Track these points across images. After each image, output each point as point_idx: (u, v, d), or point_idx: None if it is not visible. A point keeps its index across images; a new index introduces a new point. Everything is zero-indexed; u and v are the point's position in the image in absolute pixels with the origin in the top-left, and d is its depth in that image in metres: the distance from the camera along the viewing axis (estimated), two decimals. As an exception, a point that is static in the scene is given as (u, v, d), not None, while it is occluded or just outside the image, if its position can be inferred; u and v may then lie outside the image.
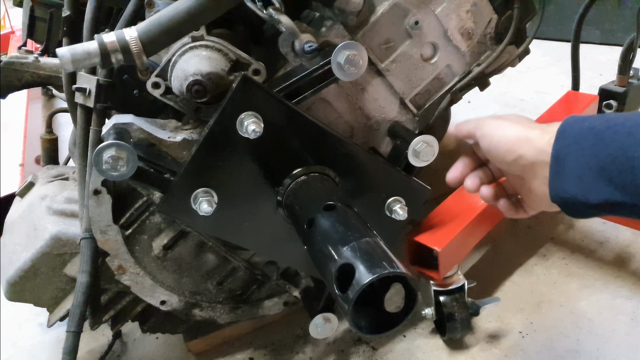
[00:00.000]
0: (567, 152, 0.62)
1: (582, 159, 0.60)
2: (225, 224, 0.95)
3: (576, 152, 0.61)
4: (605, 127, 0.59)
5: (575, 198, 0.61)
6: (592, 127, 0.60)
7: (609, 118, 0.61)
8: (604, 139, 0.58)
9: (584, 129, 0.61)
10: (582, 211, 0.63)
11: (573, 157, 0.61)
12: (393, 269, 0.67)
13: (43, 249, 1.04)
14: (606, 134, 0.58)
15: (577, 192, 0.61)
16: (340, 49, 0.87)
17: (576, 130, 0.62)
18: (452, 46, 1.08)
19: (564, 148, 0.62)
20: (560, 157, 0.63)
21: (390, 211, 1.01)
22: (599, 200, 0.59)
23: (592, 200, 0.60)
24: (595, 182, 0.58)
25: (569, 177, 0.61)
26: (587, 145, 0.59)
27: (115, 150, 0.83)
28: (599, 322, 1.19)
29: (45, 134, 1.44)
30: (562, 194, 0.63)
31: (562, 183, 0.62)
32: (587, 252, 1.41)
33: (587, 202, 0.60)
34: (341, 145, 0.96)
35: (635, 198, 0.56)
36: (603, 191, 0.58)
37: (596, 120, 0.61)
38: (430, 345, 1.21)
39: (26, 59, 1.20)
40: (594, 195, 0.59)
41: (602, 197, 0.59)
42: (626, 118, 0.58)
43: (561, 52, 2.43)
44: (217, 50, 0.90)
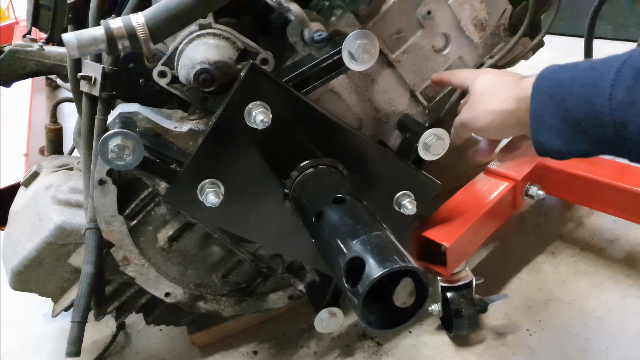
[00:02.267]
0: (543, 108, 0.65)
1: (556, 113, 0.63)
2: (231, 216, 0.94)
3: (550, 106, 0.63)
4: (571, 81, 0.61)
5: (559, 151, 0.65)
6: (561, 81, 0.63)
7: (576, 69, 0.62)
8: (572, 93, 0.60)
9: (555, 83, 0.64)
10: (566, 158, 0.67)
11: (548, 111, 0.64)
12: (405, 263, 0.65)
13: (48, 239, 1.03)
14: (574, 88, 0.60)
15: (559, 146, 0.65)
16: (351, 37, 0.85)
17: (549, 85, 0.65)
18: (465, 37, 1.06)
19: (539, 104, 0.65)
20: (537, 113, 0.66)
21: (399, 205, 1.00)
22: (577, 151, 0.64)
23: (571, 151, 0.65)
24: (572, 136, 0.62)
25: (549, 132, 0.65)
26: (559, 100, 0.62)
27: (121, 139, 0.81)
28: (609, 321, 1.18)
29: (50, 124, 1.42)
30: (546, 147, 0.67)
31: (543, 137, 0.66)
32: (597, 250, 1.39)
33: (568, 153, 0.65)
34: (350, 137, 0.95)
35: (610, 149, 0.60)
36: (580, 144, 0.63)
37: (565, 73, 0.63)
38: (436, 341, 1.20)
39: (30, 48, 1.19)
40: (572, 148, 0.64)
41: (579, 149, 0.64)
42: (592, 67, 0.60)
43: (571, 47, 2.40)
44: (225, 39, 0.89)
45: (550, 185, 1.27)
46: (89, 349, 1.27)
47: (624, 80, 0.55)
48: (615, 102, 0.55)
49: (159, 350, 1.27)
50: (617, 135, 0.56)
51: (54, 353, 1.29)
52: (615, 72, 0.56)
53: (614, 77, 0.55)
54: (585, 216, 1.50)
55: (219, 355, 1.24)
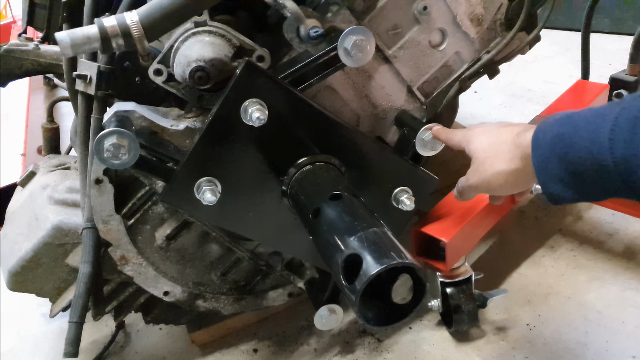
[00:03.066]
0: (546, 161, 0.66)
1: (561, 165, 0.64)
2: (229, 214, 0.94)
3: (553, 158, 0.65)
4: (572, 133, 0.63)
5: (573, 199, 0.66)
6: (561, 134, 0.64)
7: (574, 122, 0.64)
8: (574, 144, 0.62)
9: (554, 136, 0.65)
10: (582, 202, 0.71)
11: (552, 164, 0.65)
12: (401, 260, 0.65)
13: (45, 239, 1.02)
14: (574, 140, 0.62)
15: (570, 196, 0.66)
16: (347, 34, 0.85)
17: (548, 138, 0.66)
18: (461, 32, 1.05)
19: (541, 157, 0.67)
20: (541, 167, 0.67)
21: (397, 201, 1.00)
22: (595, 199, 0.66)
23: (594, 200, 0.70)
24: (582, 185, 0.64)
25: (556, 183, 0.66)
26: (560, 152, 0.64)
27: (116, 138, 0.81)
28: (608, 315, 1.18)
29: (47, 123, 1.42)
30: (558, 198, 0.67)
31: (553, 189, 0.67)
32: (596, 243, 1.38)
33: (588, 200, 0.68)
34: (347, 133, 0.94)
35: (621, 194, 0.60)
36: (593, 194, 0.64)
37: (564, 126, 0.65)
38: (436, 337, 1.20)
39: (26, 47, 1.18)
40: (586, 197, 0.66)
41: (595, 197, 0.65)
42: (587, 121, 0.62)
43: (569, 41, 2.39)
44: (221, 36, 0.88)
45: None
46: (88, 348, 1.27)
47: (620, 133, 0.57)
48: (617, 155, 0.57)
49: (159, 350, 1.27)
50: (627, 186, 0.58)
51: (53, 353, 1.29)
52: (610, 125, 0.58)
53: (610, 130, 0.57)
54: (584, 210, 1.50)
55: (219, 354, 1.24)
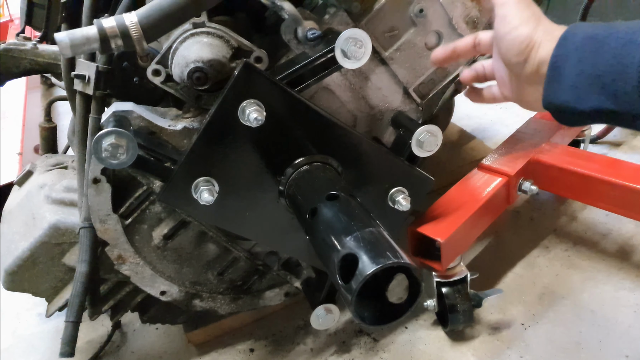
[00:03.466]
0: (566, 60, 0.62)
1: (578, 66, 0.60)
2: (226, 214, 0.94)
3: (574, 59, 0.60)
4: (606, 34, 0.58)
5: (567, 105, 0.62)
6: (594, 35, 0.60)
7: (611, 25, 0.60)
8: (603, 46, 0.58)
9: (586, 37, 0.60)
10: (571, 118, 0.64)
11: (571, 64, 0.61)
12: (397, 259, 0.66)
13: (42, 238, 1.03)
14: (606, 42, 0.58)
15: (569, 99, 0.61)
16: (344, 35, 0.85)
17: (579, 38, 0.61)
18: (457, 35, 1.06)
19: (562, 56, 0.62)
20: (558, 65, 0.62)
21: (393, 202, 1.00)
22: (589, 107, 0.60)
23: (583, 107, 0.60)
24: (588, 90, 0.59)
25: (564, 85, 0.62)
26: (586, 54, 0.59)
27: (114, 138, 0.81)
28: (602, 314, 1.19)
29: (44, 122, 1.42)
30: (554, 100, 0.63)
31: (555, 90, 0.63)
32: (590, 244, 1.40)
33: (577, 109, 0.61)
34: (344, 134, 0.95)
35: (623, 106, 0.56)
36: (594, 99, 0.59)
37: (599, 28, 0.60)
38: (432, 336, 1.20)
39: (24, 46, 1.18)
40: (585, 103, 0.60)
41: (592, 104, 0.59)
42: (628, 26, 0.58)
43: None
44: (219, 37, 0.89)
45: (543, 180, 1.28)
46: (84, 348, 1.27)
47: None
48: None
49: (155, 349, 1.28)
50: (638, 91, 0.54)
51: (49, 353, 1.29)
52: None
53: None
54: (578, 210, 1.52)
55: (216, 354, 1.24)
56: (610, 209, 1.29)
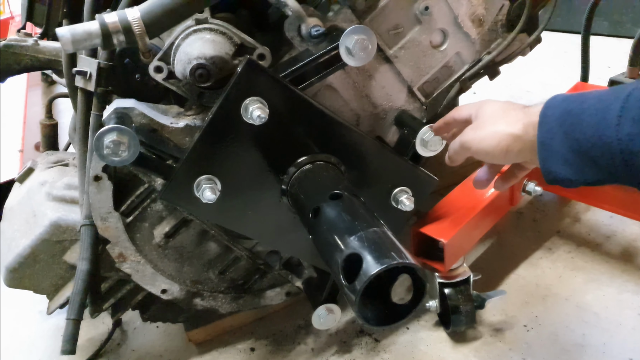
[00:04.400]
0: (551, 136, 0.65)
1: (565, 142, 0.63)
2: (228, 213, 0.94)
3: (559, 135, 0.64)
4: (580, 110, 0.62)
5: (569, 179, 0.65)
6: (570, 111, 0.63)
7: (584, 99, 0.63)
8: (581, 121, 0.61)
9: (563, 112, 0.64)
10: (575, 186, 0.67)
11: (557, 140, 0.64)
12: (402, 260, 0.65)
13: (42, 236, 1.02)
14: (582, 117, 0.61)
15: (569, 175, 0.64)
16: (348, 33, 0.84)
17: (557, 113, 0.65)
18: (462, 33, 1.05)
19: (547, 132, 0.65)
20: (546, 142, 0.65)
21: (397, 201, 1.00)
22: (588, 180, 0.64)
23: (586, 179, 0.64)
24: (582, 165, 0.62)
25: (558, 161, 0.65)
26: (567, 128, 0.63)
27: (116, 135, 0.81)
28: (605, 317, 1.18)
29: (45, 120, 1.41)
30: (555, 176, 0.66)
31: (552, 166, 0.66)
32: (594, 245, 1.39)
33: (581, 181, 0.64)
34: (347, 133, 0.94)
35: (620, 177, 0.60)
36: (592, 173, 0.62)
37: (573, 103, 0.64)
38: (433, 337, 1.20)
39: (25, 42, 1.18)
40: (582, 176, 0.64)
41: (593, 177, 0.63)
42: (599, 99, 0.61)
43: (567, 43, 2.40)
44: (222, 34, 0.88)
45: (547, 181, 1.27)
46: (85, 346, 1.26)
47: (630, 111, 0.56)
48: (622, 133, 0.56)
49: (156, 348, 1.27)
50: (626, 164, 0.57)
51: (50, 351, 1.28)
52: (621, 103, 0.57)
53: (621, 108, 0.57)
54: (582, 212, 1.51)
55: (216, 352, 1.24)
56: (614, 211, 1.28)
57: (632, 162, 0.57)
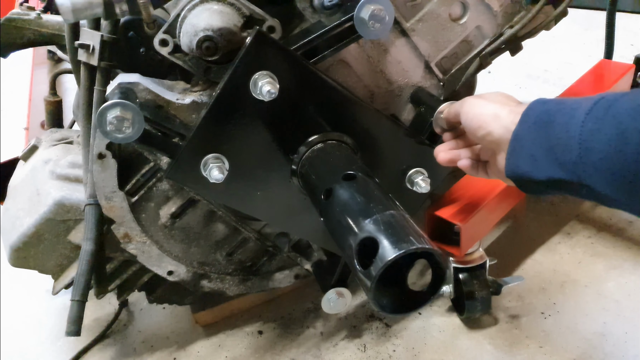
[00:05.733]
0: (526, 133, 0.66)
1: (537, 140, 0.65)
2: (236, 193, 0.90)
3: (533, 133, 0.65)
4: (556, 110, 0.64)
5: (525, 174, 0.66)
6: (548, 110, 0.65)
7: (563, 101, 0.65)
8: (554, 120, 0.63)
9: (542, 111, 0.66)
10: (531, 187, 0.68)
11: (530, 137, 0.66)
12: (421, 245, 0.61)
13: (46, 215, 0.99)
14: (556, 117, 0.63)
15: (528, 169, 0.66)
16: (364, 3, 0.80)
17: (537, 113, 0.67)
18: (484, 5, 1.00)
19: (524, 129, 0.67)
20: (519, 137, 0.67)
21: (412, 183, 0.96)
22: (544, 177, 0.64)
23: (539, 177, 0.64)
24: (543, 160, 0.64)
25: (523, 155, 0.66)
26: (540, 126, 0.65)
27: (120, 111, 0.77)
28: (627, 305, 1.14)
29: (49, 96, 1.38)
30: (515, 169, 0.68)
31: (516, 160, 0.67)
32: (615, 230, 1.34)
33: (535, 179, 0.65)
34: (361, 110, 0.90)
35: (571, 175, 0.60)
36: (548, 169, 0.63)
37: (553, 104, 0.66)
38: (446, 323, 1.17)
39: (28, 16, 1.14)
40: (540, 173, 0.64)
41: (546, 174, 0.63)
42: (576, 101, 0.62)
43: (588, 20, 2.31)
44: (230, 5, 0.84)
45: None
46: (91, 326, 1.25)
47: (596, 111, 0.59)
48: (585, 129, 0.59)
49: (162, 329, 1.25)
50: (581, 160, 0.59)
51: (57, 330, 1.27)
52: (592, 104, 0.59)
53: (590, 108, 0.59)
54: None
55: (223, 335, 1.22)
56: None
57: (586, 158, 0.58)
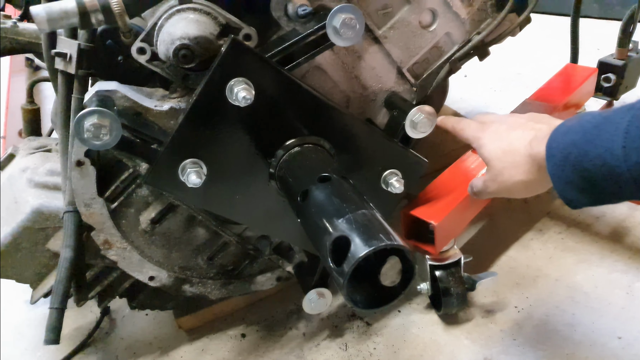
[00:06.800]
0: (561, 169, 0.68)
1: (575, 172, 0.66)
2: (215, 197, 0.92)
3: (567, 166, 0.67)
4: (584, 142, 0.65)
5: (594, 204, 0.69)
6: (574, 142, 0.67)
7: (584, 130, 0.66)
8: (587, 153, 0.64)
9: (568, 145, 0.68)
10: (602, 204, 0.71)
11: (567, 171, 0.67)
12: (390, 242, 0.64)
13: (24, 223, 0.99)
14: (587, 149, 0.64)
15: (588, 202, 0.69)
16: (336, 12, 0.82)
17: (561, 147, 0.69)
18: (452, 13, 1.03)
19: (556, 166, 0.69)
20: (557, 175, 0.69)
21: (387, 184, 0.98)
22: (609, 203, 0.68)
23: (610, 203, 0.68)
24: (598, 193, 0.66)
25: (572, 189, 0.68)
26: (574, 161, 0.66)
27: (97, 118, 0.78)
28: (595, 296, 1.18)
29: (27, 104, 1.37)
30: (577, 204, 0.70)
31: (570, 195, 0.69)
32: (584, 226, 1.39)
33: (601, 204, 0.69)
34: (337, 115, 0.92)
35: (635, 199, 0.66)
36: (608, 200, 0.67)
37: (575, 134, 0.67)
38: (425, 320, 1.19)
39: (4, 25, 1.14)
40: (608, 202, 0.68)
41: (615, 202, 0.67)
42: (598, 129, 0.64)
43: (558, 26, 2.38)
44: (206, 14, 0.85)
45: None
46: (72, 335, 1.25)
47: (633, 142, 0.59)
48: (630, 163, 0.60)
49: (145, 335, 1.26)
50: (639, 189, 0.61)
51: (36, 340, 1.26)
52: (623, 134, 0.60)
53: (623, 140, 0.60)
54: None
55: (207, 339, 1.23)
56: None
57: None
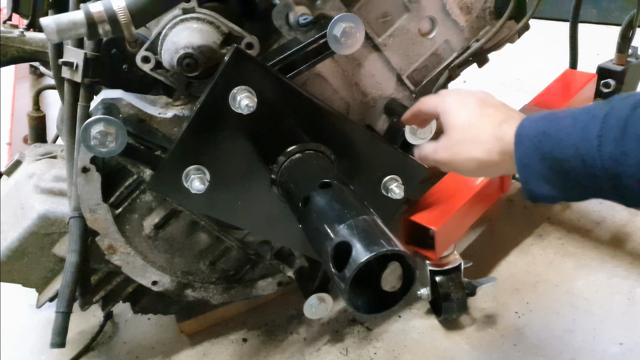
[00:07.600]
0: (529, 158, 0.64)
1: (545, 162, 0.62)
2: (217, 203, 0.93)
3: (536, 156, 0.63)
4: (556, 130, 0.62)
5: (554, 198, 0.65)
6: (545, 131, 0.63)
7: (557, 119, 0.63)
8: (559, 142, 0.61)
9: (539, 134, 0.64)
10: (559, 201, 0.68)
11: (535, 160, 0.64)
12: (391, 247, 0.65)
13: (31, 228, 1.01)
14: (560, 137, 0.61)
15: (554, 194, 0.64)
16: (336, 21, 0.84)
17: (532, 135, 0.64)
18: (451, 21, 1.05)
19: (525, 155, 0.65)
20: (524, 163, 0.65)
21: (387, 190, 1.00)
22: (577, 198, 0.64)
23: (577, 200, 0.65)
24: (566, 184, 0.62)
25: (540, 180, 0.64)
26: (545, 151, 0.62)
27: (103, 125, 0.80)
28: (595, 302, 1.19)
29: (33, 112, 1.39)
30: (539, 195, 0.66)
31: (535, 186, 0.65)
32: (584, 232, 1.40)
33: (568, 200, 0.66)
34: (337, 122, 0.94)
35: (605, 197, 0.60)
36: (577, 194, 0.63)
37: (548, 123, 0.63)
38: (425, 325, 1.20)
39: (11, 34, 1.16)
40: (570, 196, 0.64)
41: (578, 197, 0.64)
42: (574, 118, 0.60)
43: (557, 31, 2.40)
44: (209, 23, 0.87)
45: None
46: (76, 339, 1.26)
47: (609, 131, 0.56)
48: (605, 154, 0.56)
49: (148, 339, 1.27)
50: (612, 185, 0.57)
51: (41, 344, 1.28)
52: (600, 123, 0.57)
53: (600, 128, 0.57)
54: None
55: (208, 343, 1.24)
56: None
57: (618, 183, 0.56)
